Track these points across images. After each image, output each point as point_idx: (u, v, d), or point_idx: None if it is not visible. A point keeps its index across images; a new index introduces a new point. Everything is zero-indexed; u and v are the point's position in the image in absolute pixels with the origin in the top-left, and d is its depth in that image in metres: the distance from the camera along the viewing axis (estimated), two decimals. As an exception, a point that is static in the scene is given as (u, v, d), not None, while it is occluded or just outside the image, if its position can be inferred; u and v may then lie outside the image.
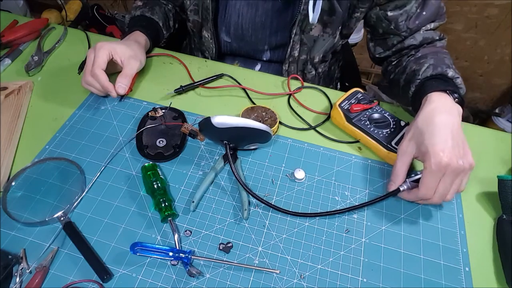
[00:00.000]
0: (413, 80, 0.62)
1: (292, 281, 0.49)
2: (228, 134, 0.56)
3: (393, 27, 0.69)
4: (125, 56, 0.66)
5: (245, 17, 0.74)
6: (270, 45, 0.78)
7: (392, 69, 0.74)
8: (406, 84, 0.64)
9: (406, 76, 0.66)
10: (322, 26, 0.71)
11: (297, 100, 0.71)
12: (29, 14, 1.72)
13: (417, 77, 0.61)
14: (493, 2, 1.36)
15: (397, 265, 0.51)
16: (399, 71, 0.70)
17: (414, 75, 0.62)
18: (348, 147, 0.64)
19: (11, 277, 0.47)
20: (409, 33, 0.69)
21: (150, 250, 0.49)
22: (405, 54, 0.71)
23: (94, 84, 0.64)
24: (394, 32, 0.70)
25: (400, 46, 0.71)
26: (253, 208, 0.55)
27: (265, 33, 0.76)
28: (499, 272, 0.51)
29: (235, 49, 0.81)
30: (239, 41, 0.79)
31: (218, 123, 0.54)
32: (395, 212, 0.56)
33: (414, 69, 0.64)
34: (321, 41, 0.74)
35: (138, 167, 0.59)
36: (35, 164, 0.58)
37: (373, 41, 0.76)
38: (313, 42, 0.74)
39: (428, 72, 0.61)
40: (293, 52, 0.75)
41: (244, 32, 0.76)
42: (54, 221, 0.52)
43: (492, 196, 0.59)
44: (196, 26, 0.79)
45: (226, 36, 0.78)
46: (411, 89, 0.62)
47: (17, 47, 0.77)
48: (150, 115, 0.65)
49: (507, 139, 0.67)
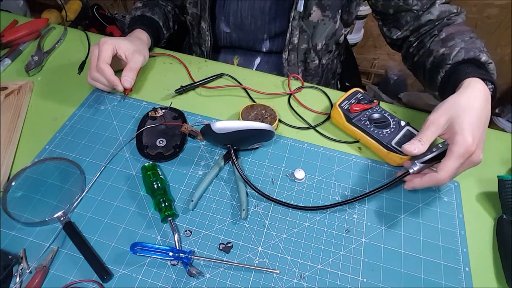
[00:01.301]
0: (443, 65, 0.59)
1: (292, 281, 0.49)
2: (230, 138, 0.56)
3: (402, 3, 0.67)
4: (129, 51, 0.66)
5: (244, 3, 0.74)
6: (269, 33, 0.78)
7: (414, 51, 0.70)
8: (435, 68, 0.62)
9: (433, 59, 0.63)
10: (321, 10, 0.70)
11: (297, 100, 0.71)
12: (29, 14, 1.72)
13: (447, 62, 0.59)
14: (493, 2, 1.36)
15: (397, 265, 0.51)
16: (424, 54, 0.66)
17: (444, 59, 0.59)
18: (348, 147, 0.64)
19: (11, 277, 0.47)
20: (421, 8, 0.66)
21: (150, 250, 0.49)
22: (426, 33, 0.68)
23: (100, 79, 0.64)
24: (405, 9, 0.67)
25: (417, 24, 0.68)
26: (253, 208, 0.55)
27: (264, 20, 0.76)
28: (499, 272, 0.51)
29: (235, 40, 0.80)
30: (239, 31, 0.78)
31: (219, 128, 0.54)
32: (395, 212, 0.56)
33: (443, 52, 0.61)
34: (321, 26, 0.73)
35: (138, 167, 0.59)
36: (35, 164, 0.58)
37: (386, 26, 0.74)
38: (313, 28, 0.73)
39: (460, 57, 0.58)
40: (292, 39, 0.74)
41: (244, 20, 0.76)
42: (54, 221, 0.52)
43: (492, 196, 0.59)
44: (194, 19, 0.80)
45: (226, 27, 0.78)
46: (440, 74, 0.59)
47: (17, 47, 0.77)
48: (150, 115, 0.65)
49: (507, 139, 0.67)
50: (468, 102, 0.52)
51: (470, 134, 0.49)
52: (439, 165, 0.50)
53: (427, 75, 0.65)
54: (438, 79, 0.60)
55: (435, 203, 0.57)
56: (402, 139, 0.60)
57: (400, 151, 0.59)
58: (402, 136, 0.61)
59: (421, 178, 0.52)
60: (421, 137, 0.52)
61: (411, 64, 0.73)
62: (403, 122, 0.63)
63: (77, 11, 1.68)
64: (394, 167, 0.61)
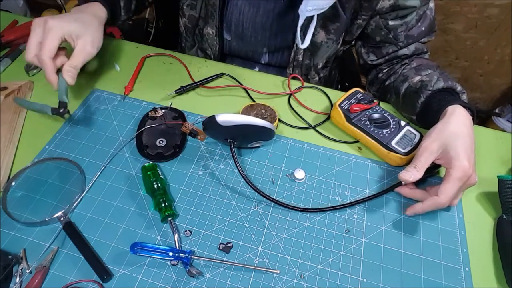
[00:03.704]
0: (423, 90, 0.62)
1: (292, 281, 0.49)
2: (232, 132, 0.56)
3: (392, 36, 0.70)
4: (80, 40, 0.58)
5: (246, 15, 0.74)
6: (269, 48, 0.78)
7: (383, 76, 0.75)
8: (413, 93, 0.64)
9: (409, 84, 0.66)
10: (326, 32, 0.71)
11: (297, 100, 0.71)
12: (29, 14, 1.72)
13: (428, 88, 0.62)
14: (493, 2, 1.36)
15: (397, 265, 0.51)
16: (397, 79, 0.70)
17: (424, 86, 0.62)
18: (348, 147, 0.64)
19: (11, 277, 0.47)
20: (405, 44, 0.71)
21: (150, 250, 0.49)
22: (397, 62, 0.73)
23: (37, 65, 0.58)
24: (392, 41, 0.71)
25: (394, 55, 0.73)
26: (253, 208, 0.55)
27: (265, 35, 0.76)
28: (499, 272, 0.51)
29: (235, 48, 0.80)
30: (239, 40, 0.78)
31: (223, 121, 0.54)
32: (395, 212, 0.56)
33: (421, 79, 0.64)
34: (324, 48, 0.74)
35: (138, 167, 0.59)
36: (35, 164, 0.58)
37: (365, 48, 0.77)
38: (316, 48, 0.74)
39: (439, 84, 0.61)
40: (297, 56, 0.75)
41: (244, 31, 0.76)
42: (54, 221, 0.52)
43: (492, 196, 0.59)
44: (192, 22, 0.79)
45: (226, 34, 0.78)
46: (421, 99, 0.62)
47: (17, 47, 0.77)
48: (150, 115, 0.65)
49: (507, 139, 0.67)
50: (458, 128, 0.54)
51: (466, 159, 0.51)
52: (440, 189, 0.52)
53: (403, 99, 0.67)
54: (418, 103, 0.62)
55: (435, 203, 0.57)
56: (402, 139, 0.61)
57: (400, 151, 0.59)
58: (402, 136, 0.61)
59: (423, 204, 0.53)
60: (416, 163, 0.54)
61: (378, 89, 0.78)
62: (403, 122, 0.63)
63: (77, 11, 1.67)
64: (394, 167, 0.61)
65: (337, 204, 0.56)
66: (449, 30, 1.49)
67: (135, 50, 0.79)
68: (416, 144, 0.60)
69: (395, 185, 0.57)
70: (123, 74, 0.72)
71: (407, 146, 0.60)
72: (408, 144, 0.60)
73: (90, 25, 0.61)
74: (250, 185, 0.55)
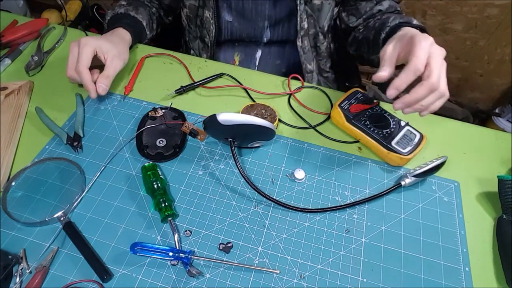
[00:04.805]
0: (383, 28, 0.65)
1: (292, 281, 0.49)
2: (233, 131, 0.56)
3: None
4: (109, 54, 0.65)
5: None
6: (270, 20, 0.78)
7: (358, 35, 0.78)
8: (376, 34, 0.67)
9: (374, 30, 0.69)
10: None
11: (297, 100, 0.71)
12: (29, 14, 1.72)
13: (386, 25, 0.65)
14: (493, 2, 1.36)
15: (397, 265, 0.51)
16: (367, 31, 0.74)
17: (383, 25, 0.66)
18: (348, 147, 0.64)
19: (11, 277, 0.47)
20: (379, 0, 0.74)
21: (150, 250, 0.49)
22: (372, 19, 0.76)
23: (77, 80, 0.63)
24: None
25: (370, 13, 0.76)
26: (253, 208, 0.55)
27: (265, 5, 0.76)
28: (499, 272, 0.51)
29: (236, 30, 0.80)
30: (240, 18, 0.78)
31: (224, 120, 0.54)
32: (395, 212, 0.56)
33: (382, 21, 0.68)
34: (326, 7, 0.76)
35: (138, 167, 0.59)
36: (35, 164, 0.58)
37: (345, 11, 0.79)
38: (318, 11, 0.75)
39: (396, 20, 0.65)
40: (302, 23, 0.76)
41: (244, 4, 0.76)
42: (54, 221, 0.52)
43: (492, 196, 0.59)
44: (192, 11, 0.80)
45: (227, 15, 0.78)
46: (382, 36, 0.65)
47: (17, 47, 0.77)
48: (150, 115, 0.65)
49: (507, 139, 0.67)
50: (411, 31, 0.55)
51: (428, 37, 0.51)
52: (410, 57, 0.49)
53: (371, 44, 0.70)
54: (380, 40, 0.65)
55: (435, 203, 0.57)
56: (402, 139, 0.61)
57: (400, 151, 0.59)
58: (402, 136, 0.61)
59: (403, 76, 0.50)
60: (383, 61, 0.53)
61: (356, 47, 0.80)
62: (403, 122, 0.63)
63: (77, 11, 1.67)
64: (394, 167, 0.61)
65: (337, 204, 0.56)
66: (449, 30, 1.49)
67: (135, 50, 0.79)
68: (416, 144, 0.60)
69: (395, 185, 0.57)
70: (123, 74, 0.72)
71: (407, 146, 0.60)
72: (408, 144, 0.60)
73: (117, 43, 0.69)
74: (250, 185, 0.55)
